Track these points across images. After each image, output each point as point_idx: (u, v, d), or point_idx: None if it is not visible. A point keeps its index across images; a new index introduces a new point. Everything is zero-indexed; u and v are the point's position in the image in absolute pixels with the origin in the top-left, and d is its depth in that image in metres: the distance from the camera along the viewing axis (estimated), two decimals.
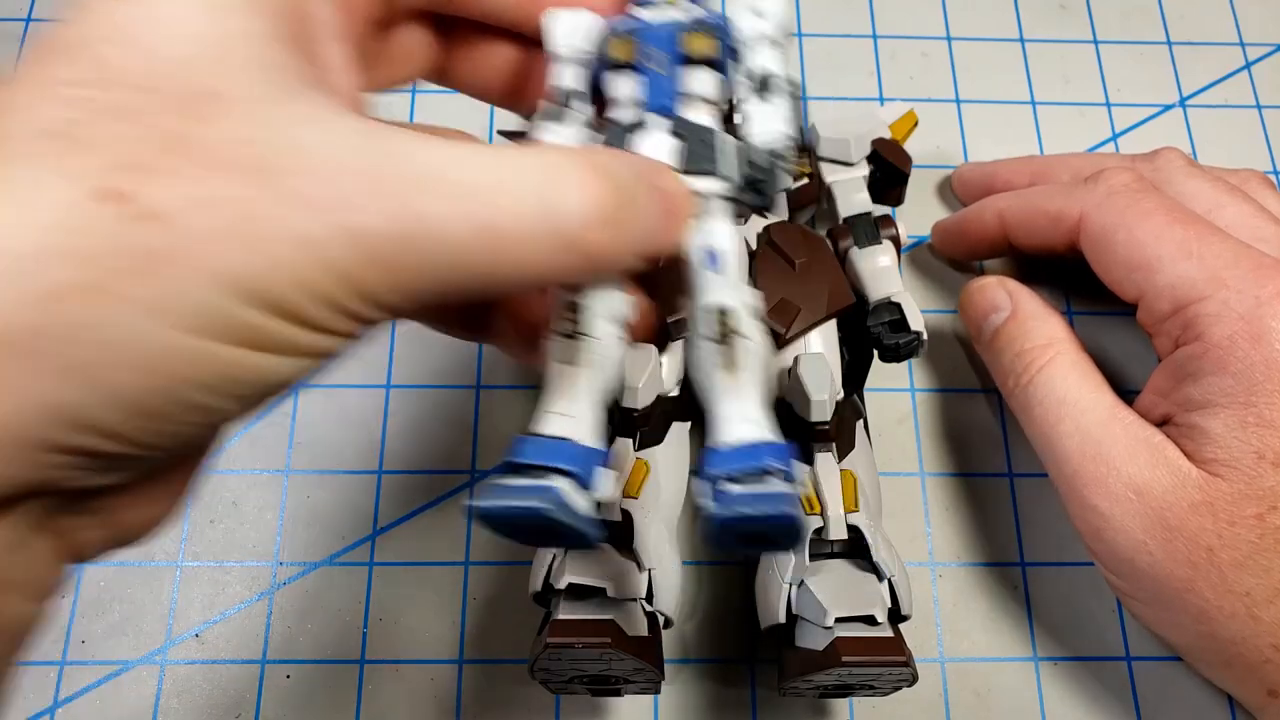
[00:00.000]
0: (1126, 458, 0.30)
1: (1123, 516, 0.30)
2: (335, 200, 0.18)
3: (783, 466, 0.22)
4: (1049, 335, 0.34)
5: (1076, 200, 0.35)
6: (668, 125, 0.25)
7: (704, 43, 0.26)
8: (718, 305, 0.24)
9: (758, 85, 0.26)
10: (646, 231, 0.22)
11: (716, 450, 0.23)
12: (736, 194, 0.25)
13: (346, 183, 0.18)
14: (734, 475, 0.22)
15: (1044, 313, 0.34)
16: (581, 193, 0.20)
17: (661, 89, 0.25)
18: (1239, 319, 0.29)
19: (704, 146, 0.25)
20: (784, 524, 0.21)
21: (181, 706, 0.33)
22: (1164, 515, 0.29)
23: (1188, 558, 0.29)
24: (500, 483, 0.21)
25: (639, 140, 0.25)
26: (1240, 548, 0.29)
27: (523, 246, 0.19)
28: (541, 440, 0.23)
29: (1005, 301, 0.35)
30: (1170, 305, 0.31)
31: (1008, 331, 0.35)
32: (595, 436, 0.23)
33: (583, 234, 0.20)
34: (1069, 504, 0.32)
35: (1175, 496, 0.29)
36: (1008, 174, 0.41)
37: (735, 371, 0.24)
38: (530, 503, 0.21)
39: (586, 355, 0.24)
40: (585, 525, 0.22)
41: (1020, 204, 0.37)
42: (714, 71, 0.26)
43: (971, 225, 0.39)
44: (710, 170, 0.25)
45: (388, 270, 0.18)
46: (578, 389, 0.24)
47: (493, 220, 0.19)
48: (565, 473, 0.22)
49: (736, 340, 0.24)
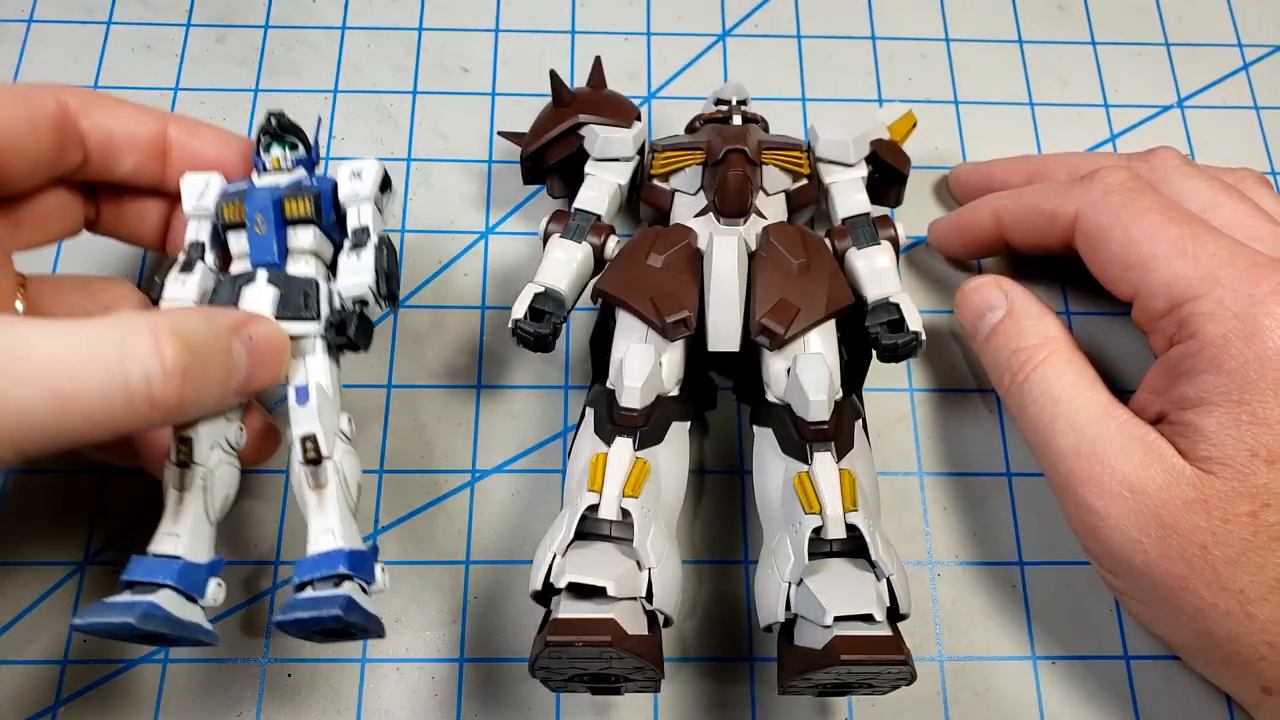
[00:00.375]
0: (1121, 456, 0.30)
1: (1117, 515, 0.30)
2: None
3: (348, 571, 0.27)
4: (1044, 334, 0.34)
5: (1072, 199, 0.35)
6: (267, 276, 0.30)
7: (299, 205, 0.31)
8: (304, 434, 0.29)
9: (353, 240, 0.31)
10: (228, 379, 0.27)
11: (301, 560, 0.28)
12: (328, 335, 0.31)
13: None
14: (308, 580, 0.27)
15: (1039, 311, 0.35)
16: (151, 356, 0.24)
17: (263, 246, 0.31)
18: (1234, 317, 0.30)
19: (298, 294, 0.30)
20: (335, 622, 0.26)
21: (182, 706, 0.33)
22: (1158, 513, 0.29)
23: (1182, 555, 0.29)
24: (105, 600, 0.26)
25: (246, 291, 0.30)
26: (1234, 545, 0.29)
27: (96, 409, 0.23)
28: (150, 560, 0.27)
29: (1001, 300, 0.35)
30: (1165, 303, 0.31)
31: (1003, 330, 0.35)
32: (204, 552, 0.28)
33: (151, 392, 0.24)
34: (1064, 502, 0.32)
35: (1170, 494, 0.29)
36: (1004, 174, 0.41)
37: (321, 489, 0.29)
38: (125, 618, 0.25)
39: (194, 480, 0.29)
40: (191, 631, 0.27)
41: (1016, 203, 0.37)
42: (313, 226, 0.31)
43: (968, 224, 0.39)
44: (301, 315, 0.30)
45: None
46: (185, 511, 0.29)
47: (67, 390, 0.23)
48: (170, 587, 0.27)
49: (324, 463, 0.29)
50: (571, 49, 0.46)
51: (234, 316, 0.28)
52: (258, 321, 0.29)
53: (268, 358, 0.29)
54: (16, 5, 0.45)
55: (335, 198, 0.32)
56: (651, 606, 0.29)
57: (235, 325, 0.28)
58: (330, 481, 0.29)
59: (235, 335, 0.27)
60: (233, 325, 0.27)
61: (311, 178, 0.32)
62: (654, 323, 0.32)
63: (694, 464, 0.36)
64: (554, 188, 0.39)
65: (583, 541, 0.29)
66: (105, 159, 0.31)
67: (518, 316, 0.34)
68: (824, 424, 0.31)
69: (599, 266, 0.36)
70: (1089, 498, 0.30)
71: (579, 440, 0.32)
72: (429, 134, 0.44)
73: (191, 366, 0.25)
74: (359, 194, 0.32)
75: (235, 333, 0.27)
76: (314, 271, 0.31)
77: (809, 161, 0.37)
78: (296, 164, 0.32)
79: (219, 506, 0.30)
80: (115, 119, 0.31)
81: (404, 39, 0.46)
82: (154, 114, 0.32)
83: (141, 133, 0.32)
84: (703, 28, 0.47)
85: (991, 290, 0.36)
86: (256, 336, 0.28)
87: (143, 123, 0.32)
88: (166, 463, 0.29)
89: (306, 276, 0.31)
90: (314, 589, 0.27)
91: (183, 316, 0.27)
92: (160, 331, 0.24)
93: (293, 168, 0.32)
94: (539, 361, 0.39)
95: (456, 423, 0.38)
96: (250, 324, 0.28)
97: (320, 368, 0.30)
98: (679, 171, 0.36)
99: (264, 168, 0.32)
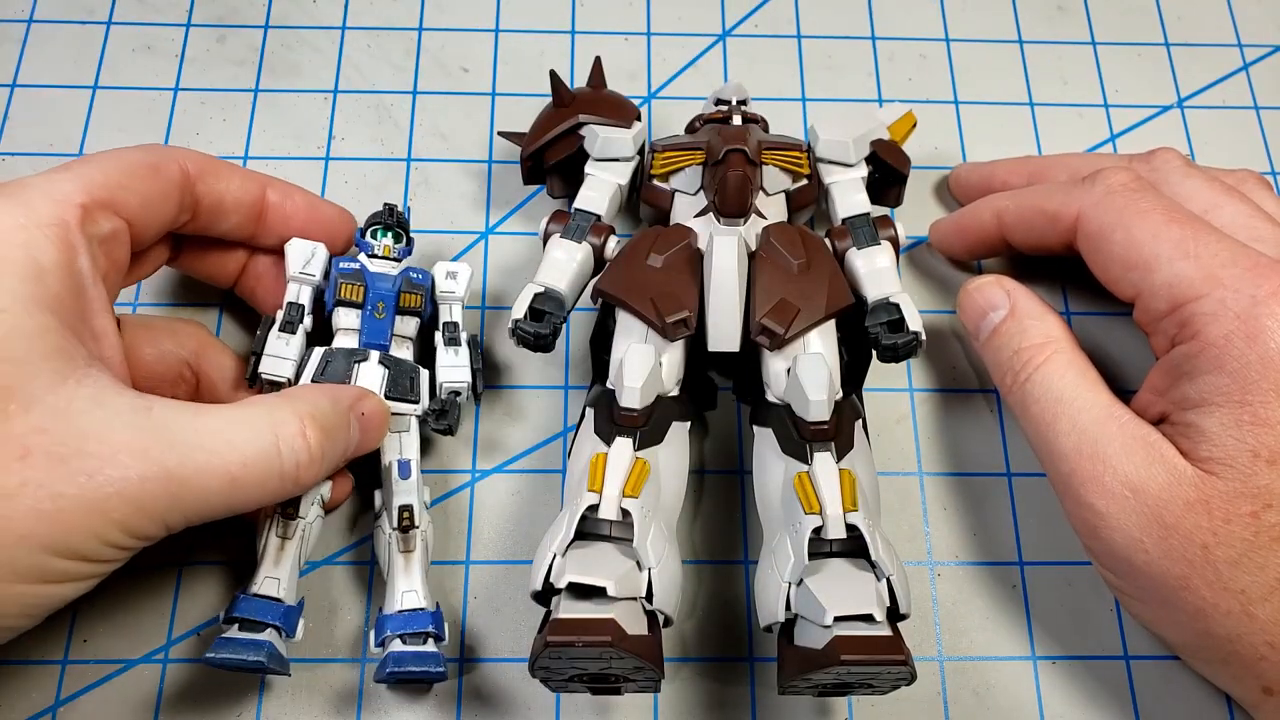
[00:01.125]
0: (1123, 456, 0.30)
1: (1119, 514, 0.30)
2: (113, 473, 0.25)
3: (434, 630, 0.32)
4: (1046, 334, 0.34)
5: (1074, 199, 0.35)
6: (379, 358, 0.35)
7: (413, 299, 0.36)
8: (403, 504, 0.33)
9: (446, 335, 0.36)
10: (346, 450, 0.31)
11: (389, 615, 0.32)
12: (429, 419, 0.35)
13: (122, 458, 0.25)
14: (400, 635, 0.32)
15: (1041, 311, 0.35)
16: (299, 443, 0.29)
17: (379, 330, 0.35)
18: (1235, 318, 0.30)
19: (404, 378, 0.35)
20: (432, 677, 0.32)
21: (183, 705, 0.33)
22: (1160, 513, 0.29)
23: (1183, 555, 0.29)
24: (228, 636, 0.30)
25: (361, 368, 0.34)
26: (1235, 545, 0.29)
27: (256, 488, 0.28)
28: (257, 600, 0.31)
29: (1003, 300, 0.35)
30: (1167, 304, 0.31)
31: (1005, 330, 0.35)
32: (294, 594, 0.32)
33: (298, 474, 0.29)
34: (1065, 502, 0.32)
35: (1171, 494, 0.29)
36: (1005, 174, 0.41)
37: (410, 554, 0.33)
38: (256, 656, 0.30)
39: (296, 531, 0.33)
40: (285, 665, 0.31)
41: (1017, 203, 0.37)
42: (415, 317, 0.36)
43: (969, 224, 0.39)
44: (407, 398, 0.34)
45: (153, 516, 0.26)
46: (286, 558, 0.32)
47: (238, 475, 0.27)
48: (275, 626, 0.31)
49: (413, 531, 0.33)
50: (571, 49, 0.46)
51: (351, 394, 0.32)
52: (368, 398, 0.33)
53: (375, 430, 0.33)
54: (16, 5, 0.45)
55: (431, 292, 0.37)
56: (651, 606, 0.29)
57: (353, 402, 0.32)
58: (417, 548, 0.33)
59: (352, 412, 0.32)
60: (351, 403, 0.32)
61: (419, 274, 0.36)
62: (654, 323, 0.32)
63: (694, 464, 0.36)
64: (554, 188, 0.39)
65: (583, 541, 0.29)
66: (212, 219, 0.34)
67: (518, 316, 0.34)
68: (824, 424, 0.31)
69: (599, 266, 0.36)
70: (1090, 497, 0.30)
71: (579, 440, 0.32)
72: (429, 134, 0.44)
73: (327, 447, 0.30)
74: (454, 293, 0.36)
75: (353, 410, 0.32)
76: (410, 356, 0.36)
77: (809, 161, 0.37)
78: (400, 254, 0.37)
79: (309, 553, 0.34)
80: (226, 185, 0.34)
81: (404, 39, 0.46)
82: (257, 179, 0.35)
83: (246, 198, 0.34)
84: (703, 28, 0.47)
85: (994, 290, 0.36)
86: (368, 412, 0.32)
87: (248, 189, 0.34)
88: (267, 513, 0.32)
89: (410, 363, 0.35)
90: (405, 643, 0.32)
91: (315, 400, 0.30)
92: (305, 420, 0.29)
93: (399, 258, 0.37)
94: (539, 361, 0.39)
95: None
96: (362, 400, 0.32)
97: (415, 445, 0.35)
98: (679, 171, 0.36)
99: (372, 252, 0.36)
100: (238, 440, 0.27)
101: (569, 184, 0.39)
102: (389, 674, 0.31)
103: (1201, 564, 0.29)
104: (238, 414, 0.28)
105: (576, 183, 0.38)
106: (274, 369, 0.34)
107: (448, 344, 0.36)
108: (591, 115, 0.38)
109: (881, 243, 0.36)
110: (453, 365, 0.35)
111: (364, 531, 0.36)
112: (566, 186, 0.39)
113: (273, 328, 0.34)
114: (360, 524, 0.36)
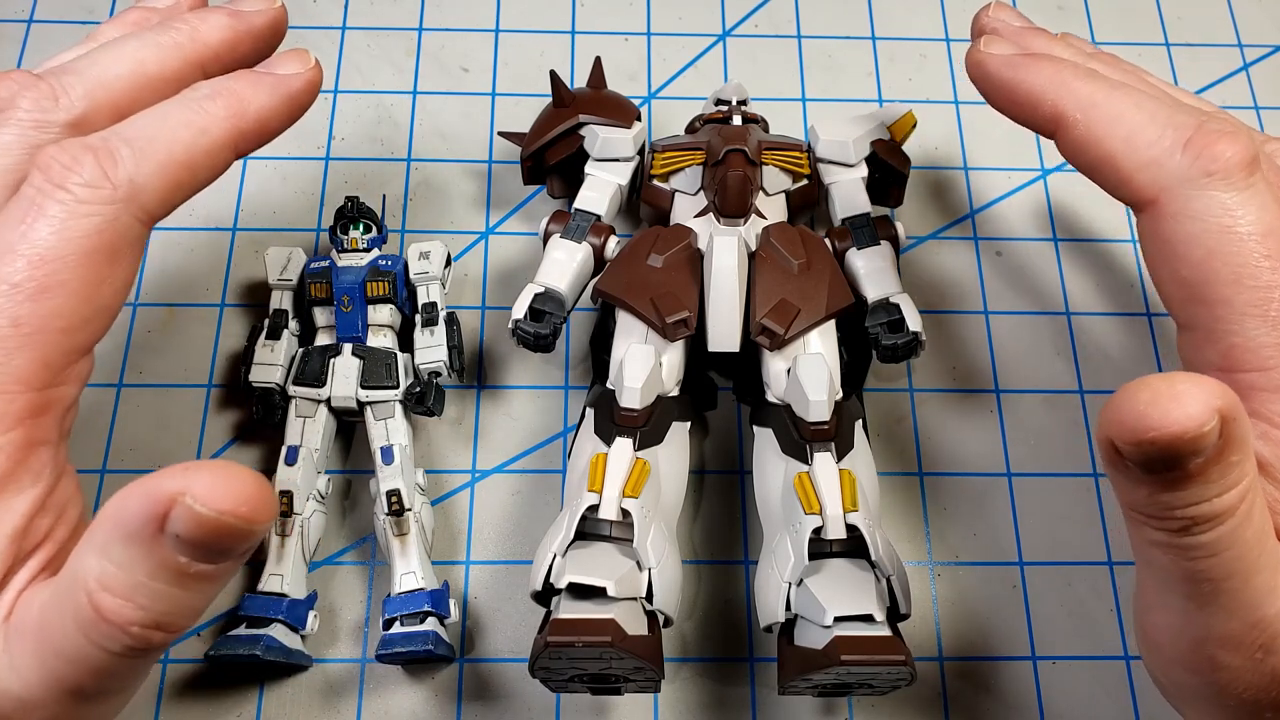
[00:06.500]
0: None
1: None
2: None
3: (432, 609, 0.32)
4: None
5: (1159, 170, 0.26)
6: (351, 349, 0.35)
7: (380, 286, 0.36)
8: (389, 489, 0.34)
9: (424, 317, 0.36)
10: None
11: (390, 598, 0.33)
12: (408, 403, 0.35)
13: None
14: (398, 617, 0.32)
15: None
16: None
17: (349, 323, 0.35)
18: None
19: (379, 365, 0.35)
20: (427, 655, 0.32)
21: (182, 706, 0.33)
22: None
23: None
24: (230, 634, 0.31)
25: (335, 363, 0.35)
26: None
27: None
28: (261, 597, 0.32)
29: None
30: (1222, 362, 0.25)
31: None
32: (302, 588, 0.33)
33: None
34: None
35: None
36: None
37: (404, 537, 0.34)
38: (252, 649, 0.31)
39: (294, 527, 0.34)
40: (297, 657, 0.32)
41: (1090, 129, 0.28)
42: (390, 304, 0.36)
43: (1023, 97, 0.30)
44: (384, 384, 0.35)
45: None
46: (287, 554, 0.33)
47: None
48: (280, 620, 0.32)
49: (405, 514, 0.34)
50: (571, 49, 0.46)
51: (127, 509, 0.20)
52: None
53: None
54: (16, 5, 0.45)
55: (405, 275, 0.37)
56: (651, 607, 0.29)
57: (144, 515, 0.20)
58: (411, 530, 0.34)
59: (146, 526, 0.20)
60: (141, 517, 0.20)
61: (388, 260, 0.37)
62: (654, 323, 0.32)
63: (694, 464, 0.36)
64: (554, 188, 0.39)
65: (583, 542, 0.29)
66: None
67: (518, 317, 0.34)
68: (824, 424, 0.31)
69: (599, 267, 0.36)
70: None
71: (579, 440, 0.32)
72: (429, 134, 0.44)
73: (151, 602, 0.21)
74: (428, 273, 0.37)
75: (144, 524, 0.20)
76: (390, 342, 0.36)
77: (809, 162, 0.37)
78: (370, 244, 0.37)
79: (312, 548, 0.34)
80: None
81: (404, 39, 0.46)
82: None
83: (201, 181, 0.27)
84: (703, 28, 0.47)
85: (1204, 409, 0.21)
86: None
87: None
88: None
89: (386, 349, 0.36)
90: (402, 625, 0.32)
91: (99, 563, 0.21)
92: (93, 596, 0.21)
93: (368, 248, 0.37)
94: (539, 361, 0.39)
95: (456, 423, 0.38)
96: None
97: (400, 430, 0.35)
98: (679, 172, 0.36)
99: (343, 246, 0.37)
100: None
101: (569, 184, 0.39)
102: (378, 655, 0.32)
103: None
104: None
105: (576, 183, 0.38)
106: (263, 376, 0.35)
107: (425, 324, 0.36)
108: (591, 115, 0.38)
109: (881, 243, 0.36)
110: (429, 345, 0.36)
111: (364, 531, 0.36)
112: (566, 187, 0.39)
113: (259, 337, 0.36)
114: (360, 524, 0.36)
